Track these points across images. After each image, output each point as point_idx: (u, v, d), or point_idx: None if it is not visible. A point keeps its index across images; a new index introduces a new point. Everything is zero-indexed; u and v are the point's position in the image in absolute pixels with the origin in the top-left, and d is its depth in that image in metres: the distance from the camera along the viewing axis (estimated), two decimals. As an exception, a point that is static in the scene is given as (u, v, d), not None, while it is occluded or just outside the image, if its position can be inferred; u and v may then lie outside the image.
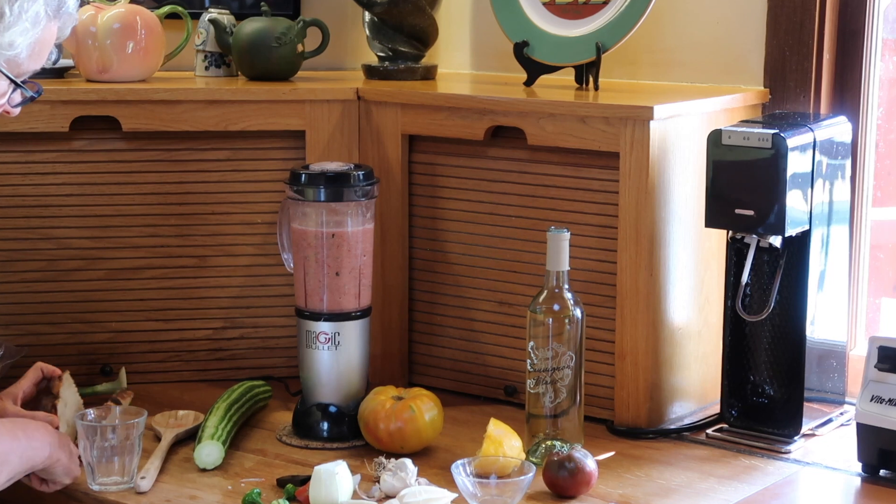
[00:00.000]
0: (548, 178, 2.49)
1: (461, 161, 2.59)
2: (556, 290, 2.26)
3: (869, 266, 2.60)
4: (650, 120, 2.33)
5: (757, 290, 2.37)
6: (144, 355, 2.68)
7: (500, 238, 2.56)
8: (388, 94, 2.63)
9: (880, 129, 2.60)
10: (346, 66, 2.98)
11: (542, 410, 2.28)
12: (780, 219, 2.25)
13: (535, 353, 2.26)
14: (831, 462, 2.28)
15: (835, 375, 2.44)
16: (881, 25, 2.55)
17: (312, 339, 2.39)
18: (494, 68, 2.89)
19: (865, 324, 2.61)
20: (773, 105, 2.58)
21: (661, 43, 2.70)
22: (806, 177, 2.29)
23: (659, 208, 2.37)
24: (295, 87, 2.66)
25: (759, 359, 2.39)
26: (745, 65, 2.61)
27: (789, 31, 2.55)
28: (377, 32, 2.85)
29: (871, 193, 2.58)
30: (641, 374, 2.40)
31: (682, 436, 2.41)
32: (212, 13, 2.80)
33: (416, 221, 2.65)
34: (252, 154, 2.65)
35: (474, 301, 2.61)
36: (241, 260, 2.68)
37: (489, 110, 2.50)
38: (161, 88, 2.59)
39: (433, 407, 2.32)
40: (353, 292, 2.39)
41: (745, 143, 2.27)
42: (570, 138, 2.42)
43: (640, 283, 2.38)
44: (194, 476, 2.20)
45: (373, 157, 2.63)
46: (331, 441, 2.37)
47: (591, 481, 2.13)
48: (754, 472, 2.24)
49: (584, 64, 2.61)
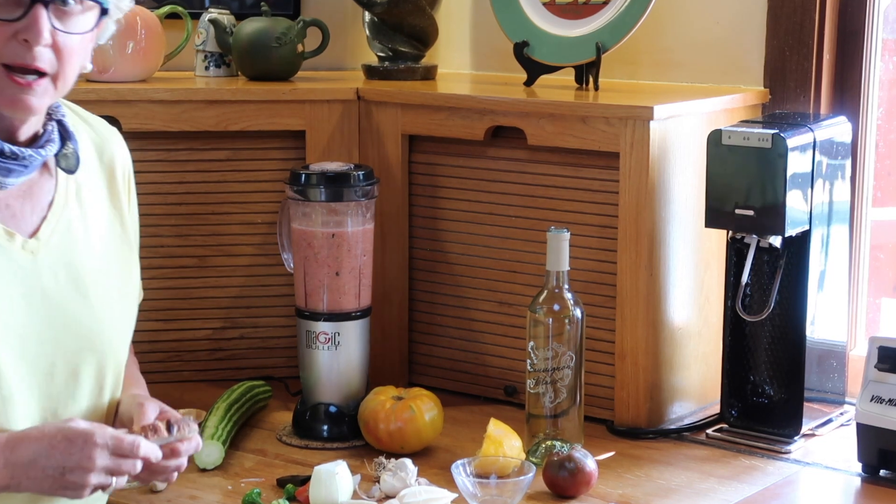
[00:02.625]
0: (548, 178, 2.49)
1: (461, 161, 2.59)
2: (556, 290, 2.26)
3: (869, 266, 2.60)
4: (650, 120, 2.33)
5: (757, 290, 2.37)
6: (144, 355, 2.66)
7: (500, 238, 2.56)
8: (388, 94, 2.63)
9: (880, 129, 2.60)
10: (346, 66, 2.98)
11: (542, 410, 2.28)
12: (780, 219, 2.25)
13: (535, 353, 2.27)
14: (831, 462, 2.28)
15: (835, 375, 2.44)
16: (881, 25, 2.55)
17: (312, 339, 2.39)
18: (494, 68, 2.89)
19: (865, 324, 2.61)
20: (773, 105, 2.58)
21: (661, 43, 2.70)
22: (806, 177, 2.29)
23: (659, 208, 2.38)
24: (295, 87, 2.66)
25: (759, 359, 2.39)
26: (745, 65, 2.61)
27: (789, 31, 2.55)
28: (377, 32, 2.85)
29: (871, 193, 2.58)
30: (641, 374, 2.40)
31: (682, 436, 2.41)
32: (212, 13, 2.80)
33: (416, 221, 2.65)
34: (252, 154, 2.65)
35: (474, 301, 2.61)
36: (241, 260, 2.68)
37: (489, 110, 2.50)
38: (161, 88, 2.59)
39: (433, 407, 2.32)
40: (353, 292, 2.40)
41: (745, 143, 2.27)
42: (570, 138, 2.42)
43: (640, 283, 2.38)
44: (194, 476, 2.20)
45: (373, 157, 2.63)
46: (331, 441, 2.37)
47: (591, 481, 2.13)
48: (754, 472, 2.24)
49: (584, 64, 2.61)
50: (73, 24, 1.70)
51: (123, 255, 1.90)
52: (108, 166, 1.90)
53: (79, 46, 1.72)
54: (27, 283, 1.74)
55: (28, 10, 1.65)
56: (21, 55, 1.66)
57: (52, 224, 1.79)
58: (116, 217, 1.90)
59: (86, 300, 1.80)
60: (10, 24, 1.65)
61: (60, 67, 1.69)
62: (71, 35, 1.70)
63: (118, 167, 1.92)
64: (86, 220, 1.84)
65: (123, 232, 1.91)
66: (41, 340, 1.75)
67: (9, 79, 1.67)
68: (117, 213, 1.90)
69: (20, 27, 1.65)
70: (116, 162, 1.92)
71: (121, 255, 1.89)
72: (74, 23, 1.70)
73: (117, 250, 1.89)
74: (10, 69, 1.67)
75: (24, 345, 1.73)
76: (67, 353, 1.78)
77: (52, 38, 1.67)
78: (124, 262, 1.90)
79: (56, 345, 1.76)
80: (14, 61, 1.66)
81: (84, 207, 1.84)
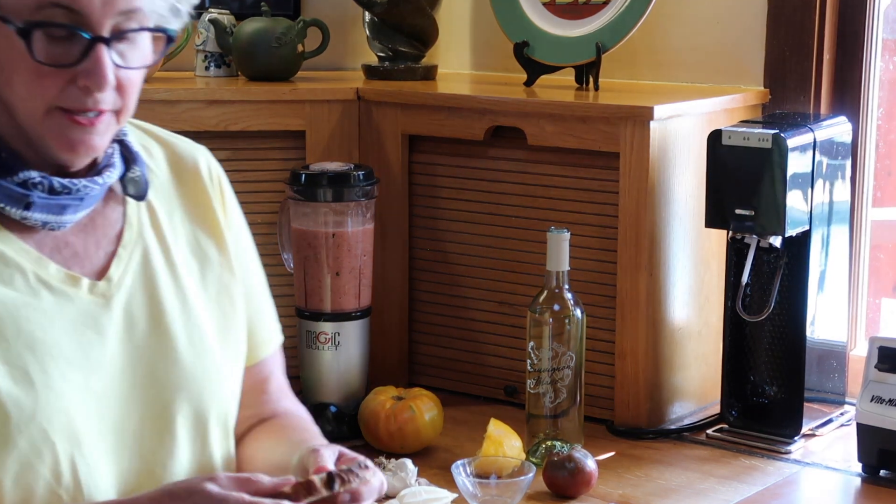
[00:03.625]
0: (548, 178, 2.49)
1: (461, 161, 2.59)
2: (557, 291, 2.26)
3: (869, 266, 2.60)
4: (650, 120, 2.33)
5: (757, 291, 2.37)
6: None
7: (500, 238, 2.56)
8: (388, 94, 2.63)
9: (880, 130, 2.60)
10: (346, 66, 2.98)
11: (542, 410, 2.28)
12: (780, 219, 2.25)
13: (535, 353, 2.27)
14: (831, 462, 2.28)
15: (835, 376, 2.44)
16: (881, 26, 2.55)
17: (313, 340, 2.39)
18: (494, 68, 2.89)
19: (865, 324, 2.61)
20: (773, 105, 2.58)
21: (661, 43, 2.70)
22: (806, 177, 2.29)
23: (659, 208, 2.37)
24: (295, 87, 2.66)
25: (759, 359, 2.39)
26: (745, 65, 2.61)
27: (789, 31, 2.55)
28: (377, 32, 2.85)
29: (871, 193, 2.58)
30: (641, 374, 2.40)
31: (682, 436, 2.41)
32: (212, 13, 2.80)
33: (416, 221, 2.65)
34: (252, 154, 2.65)
35: (474, 301, 2.61)
36: (241, 260, 2.68)
37: (489, 110, 2.50)
38: (161, 88, 2.59)
39: (433, 407, 2.32)
40: (354, 292, 2.40)
41: (745, 143, 2.27)
42: (570, 138, 2.42)
43: (640, 283, 2.38)
44: (194, 476, 2.20)
45: (373, 157, 2.63)
46: (331, 441, 2.36)
47: (591, 481, 2.13)
48: (754, 472, 2.24)
49: (584, 64, 2.61)
50: (136, 56, 1.48)
51: (221, 283, 1.65)
52: (192, 186, 1.66)
53: (140, 77, 1.51)
54: (101, 333, 1.51)
55: (87, 52, 1.42)
56: (82, 101, 1.44)
57: (124, 260, 1.56)
58: (209, 241, 1.66)
59: (172, 343, 1.56)
60: (67, 70, 1.43)
61: (123, 102, 1.48)
62: (135, 70, 1.48)
63: (207, 185, 1.67)
64: (166, 251, 1.60)
65: (221, 256, 1.66)
66: (123, 397, 1.52)
67: (68, 119, 1.45)
68: (210, 236, 1.66)
69: (79, 71, 1.43)
70: (204, 180, 1.67)
71: (218, 284, 1.65)
72: (138, 55, 1.49)
73: (213, 280, 1.65)
74: (67, 110, 1.45)
75: (105, 404, 1.50)
76: (156, 407, 1.53)
77: (115, 76, 1.45)
78: (223, 292, 1.65)
79: (142, 400, 1.52)
80: (73, 106, 1.44)
81: (163, 236, 1.61)
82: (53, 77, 1.43)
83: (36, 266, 1.49)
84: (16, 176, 1.47)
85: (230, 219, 1.69)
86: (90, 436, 1.47)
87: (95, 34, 1.42)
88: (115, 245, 1.56)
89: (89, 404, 1.48)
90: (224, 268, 1.66)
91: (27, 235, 1.50)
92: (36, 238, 1.51)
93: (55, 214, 1.49)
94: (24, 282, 1.48)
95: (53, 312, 1.48)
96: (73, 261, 1.52)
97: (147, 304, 1.56)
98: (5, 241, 1.48)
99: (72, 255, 1.53)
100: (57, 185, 1.48)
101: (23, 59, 1.42)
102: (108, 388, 1.50)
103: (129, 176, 1.57)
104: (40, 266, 1.49)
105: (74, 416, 1.46)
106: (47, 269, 1.50)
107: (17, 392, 1.43)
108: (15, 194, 1.47)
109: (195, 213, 1.65)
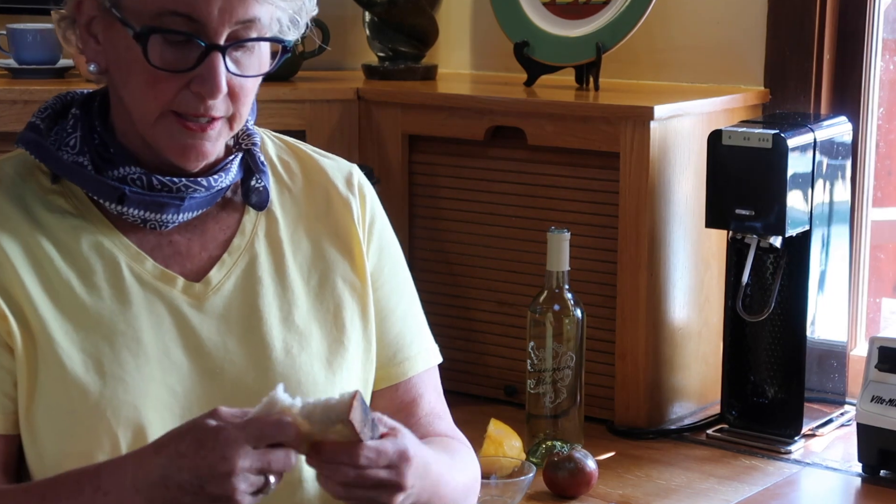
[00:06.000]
0: (548, 178, 2.49)
1: (461, 161, 2.59)
2: (557, 291, 2.26)
3: (869, 266, 2.60)
4: (650, 120, 2.33)
5: (757, 291, 2.37)
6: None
7: (500, 238, 2.56)
8: (388, 94, 2.63)
9: (880, 130, 2.60)
10: (346, 66, 2.97)
11: (543, 411, 2.28)
12: (780, 219, 2.25)
13: (536, 353, 2.26)
14: (831, 462, 2.28)
15: (835, 376, 2.44)
16: (881, 26, 2.55)
17: (312, 339, 2.38)
18: (494, 68, 2.89)
19: (865, 324, 2.61)
20: (774, 105, 2.58)
21: (661, 43, 2.70)
22: (806, 177, 2.29)
23: (659, 208, 2.37)
24: (295, 87, 2.66)
25: (759, 359, 2.39)
26: (745, 65, 2.61)
27: (789, 31, 2.55)
28: (377, 32, 2.85)
29: (871, 193, 2.58)
30: (641, 374, 2.40)
31: (682, 436, 2.41)
32: (212, 13, 2.79)
33: (416, 221, 2.65)
34: (252, 154, 2.65)
35: (474, 301, 2.61)
36: (241, 260, 2.68)
37: (489, 110, 2.50)
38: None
39: (433, 407, 2.31)
40: (354, 292, 2.39)
41: (745, 143, 2.27)
42: (570, 138, 2.42)
43: (640, 283, 2.38)
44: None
45: (373, 157, 2.63)
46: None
47: (591, 481, 2.13)
48: (754, 472, 2.24)
49: (584, 64, 2.61)
50: (253, 64, 1.48)
51: (348, 308, 1.60)
52: (327, 201, 1.63)
53: (255, 84, 1.51)
54: (187, 334, 1.50)
55: (202, 59, 1.43)
56: (194, 106, 1.45)
57: (227, 266, 1.54)
58: (339, 255, 1.61)
59: (266, 352, 1.52)
60: (182, 75, 1.44)
61: (236, 109, 1.48)
62: (249, 78, 1.49)
63: (348, 200, 1.63)
64: (278, 262, 1.57)
65: (353, 273, 1.61)
66: (204, 399, 1.48)
67: (180, 124, 1.45)
68: (340, 251, 1.62)
69: (194, 76, 1.44)
70: (343, 195, 1.64)
71: (342, 308, 1.60)
72: (254, 63, 1.48)
73: (330, 294, 1.59)
74: (180, 115, 1.46)
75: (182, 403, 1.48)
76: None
77: (228, 83, 1.46)
78: (348, 318, 1.60)
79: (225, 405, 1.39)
80: (186, 111, 1.45)
81: (279, 247, 1.58)
82: (168, 81, 1.44)
83: (132, 260, 1.51)
84: (116, 171, 1.49)
85: (373, 235, 1.66)
86: (160, 432, 1.41)
87: (211, 42, 1.44)
88: (221, 250, 1.56)
89: (163, 401, 1.47)
90: (351, 283, 1.62)
91: (130, 232, 1.52)
92: (139, 235, 1.53)
93: (154, 212, 1.50)
94: (115, 275, 1.50)
95: (140, 307, 1.49)
96: (173, 259, 1.53)
97: (244, 312, 1.54)
98: (106, 235, 1.51)
99: (173, 254, 1.53)
100: (156, 182, 1.49)
101: (139, 62, 1.44)
102: (189, 389, 1.49)
103: (251, 185, 1.57)
104: (137, 261, 1.51)
105: (143, 409, 1.46)
106: (143, 265, 1.51)
107: (87, 379, 1.45)
108: (108, 188, 1.49)
109: (326, 227, 1.62)
